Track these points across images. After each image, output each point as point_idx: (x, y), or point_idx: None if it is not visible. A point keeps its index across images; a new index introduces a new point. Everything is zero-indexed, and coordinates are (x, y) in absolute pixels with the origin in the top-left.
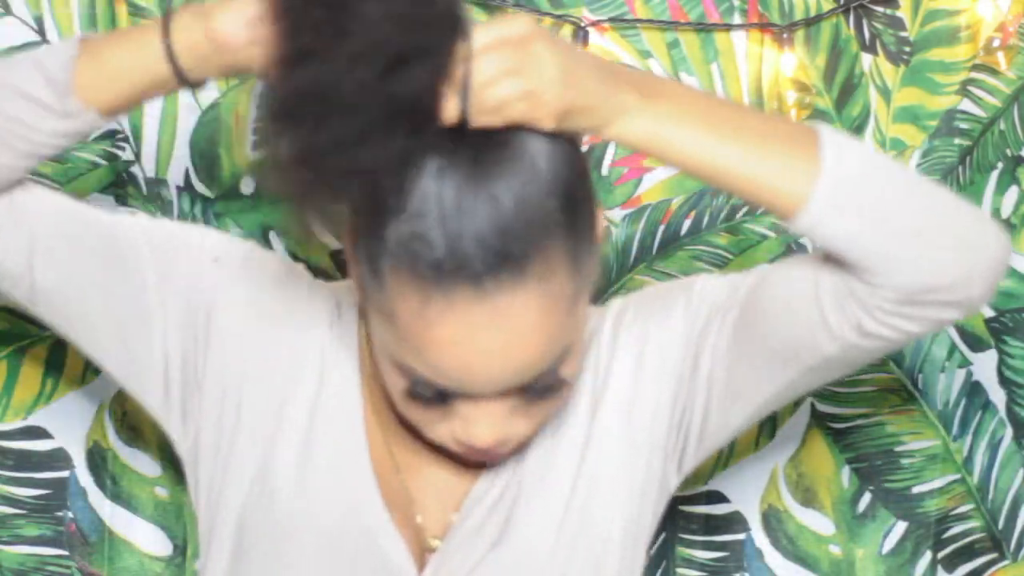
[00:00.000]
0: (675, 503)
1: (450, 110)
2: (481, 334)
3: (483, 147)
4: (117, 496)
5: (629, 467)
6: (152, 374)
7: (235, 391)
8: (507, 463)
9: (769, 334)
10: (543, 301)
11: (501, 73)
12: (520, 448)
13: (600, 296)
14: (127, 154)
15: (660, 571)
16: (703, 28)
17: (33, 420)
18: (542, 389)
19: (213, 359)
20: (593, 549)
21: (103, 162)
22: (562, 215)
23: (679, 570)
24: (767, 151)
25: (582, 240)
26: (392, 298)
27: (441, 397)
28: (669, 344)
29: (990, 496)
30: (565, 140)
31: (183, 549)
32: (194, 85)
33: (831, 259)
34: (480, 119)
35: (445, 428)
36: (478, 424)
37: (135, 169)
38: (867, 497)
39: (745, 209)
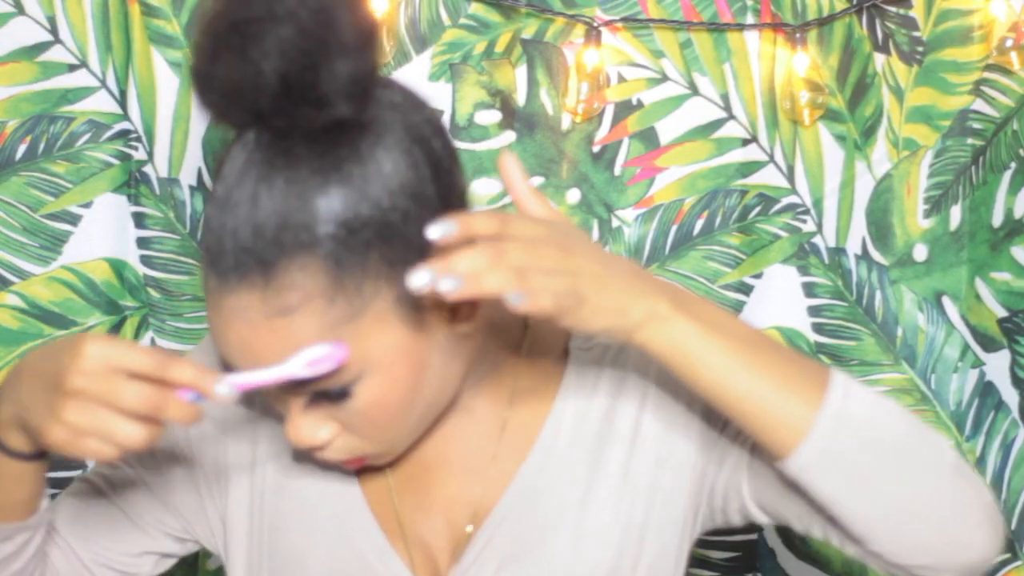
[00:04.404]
0: None
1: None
2: (229, 329)
3: (308, 145)
4: None
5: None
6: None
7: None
8: (510, 504)
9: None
10: (279, 314)
11: (543, 267)
12: (396, 459)
13: None
14: (140, 154)
15: None
16: (716, 28)
17: None
18: (335, 395)
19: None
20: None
21: (116, 161)
22: (333, 242)
23: (693, 570)
24: (780, 383)
25: (355, 273)
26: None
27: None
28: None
29: (1003, 496)
30: (416, 194)
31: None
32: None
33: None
34: (525, 303)
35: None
36: (288, 423)
37: (148, 169)
38: None
39: (758, 209)
